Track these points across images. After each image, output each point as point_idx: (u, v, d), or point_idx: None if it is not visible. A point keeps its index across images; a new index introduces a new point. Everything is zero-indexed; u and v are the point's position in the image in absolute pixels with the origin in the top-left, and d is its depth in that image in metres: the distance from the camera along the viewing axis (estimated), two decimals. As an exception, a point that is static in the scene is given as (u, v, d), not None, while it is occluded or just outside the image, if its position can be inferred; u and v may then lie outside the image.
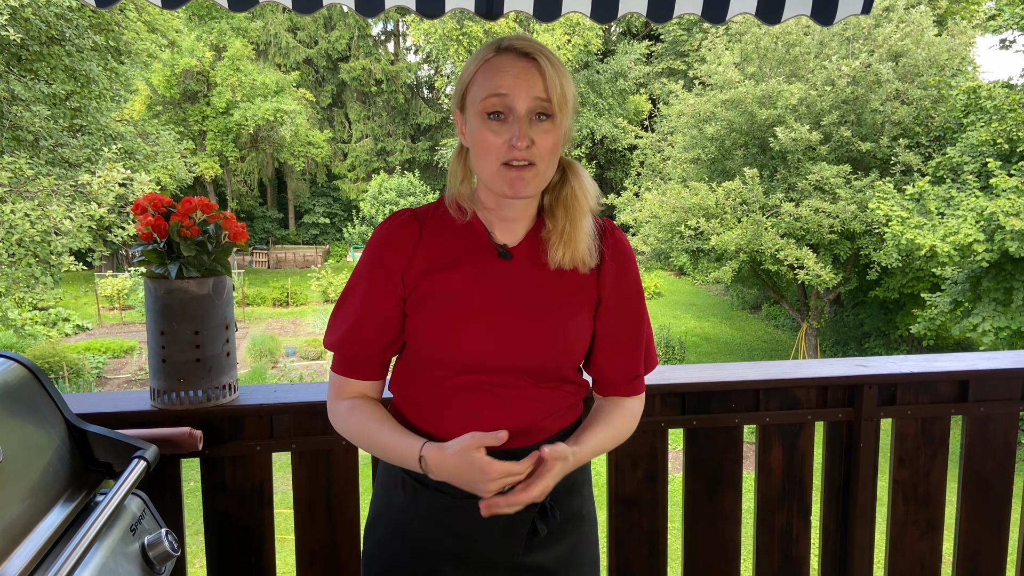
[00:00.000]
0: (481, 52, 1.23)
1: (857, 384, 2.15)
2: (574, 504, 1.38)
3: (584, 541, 1.40)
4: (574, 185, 1.29)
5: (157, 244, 1.73)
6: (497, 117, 1.19)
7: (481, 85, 1.20)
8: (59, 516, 1.33)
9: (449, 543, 1.31)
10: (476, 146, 1.22)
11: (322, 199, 32.88)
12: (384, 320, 1.31)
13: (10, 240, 8.74)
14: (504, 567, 1.31)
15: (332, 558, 1.99)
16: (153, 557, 1.42)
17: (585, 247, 1.28)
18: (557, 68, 1.19)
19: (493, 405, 1.28)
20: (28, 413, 1.38)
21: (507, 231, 1.31)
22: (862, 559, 2.21)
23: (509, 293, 1.28)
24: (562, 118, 1.21)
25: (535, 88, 1.18)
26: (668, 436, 2.14)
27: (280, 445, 1.95)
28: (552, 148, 1.21)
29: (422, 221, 1.30)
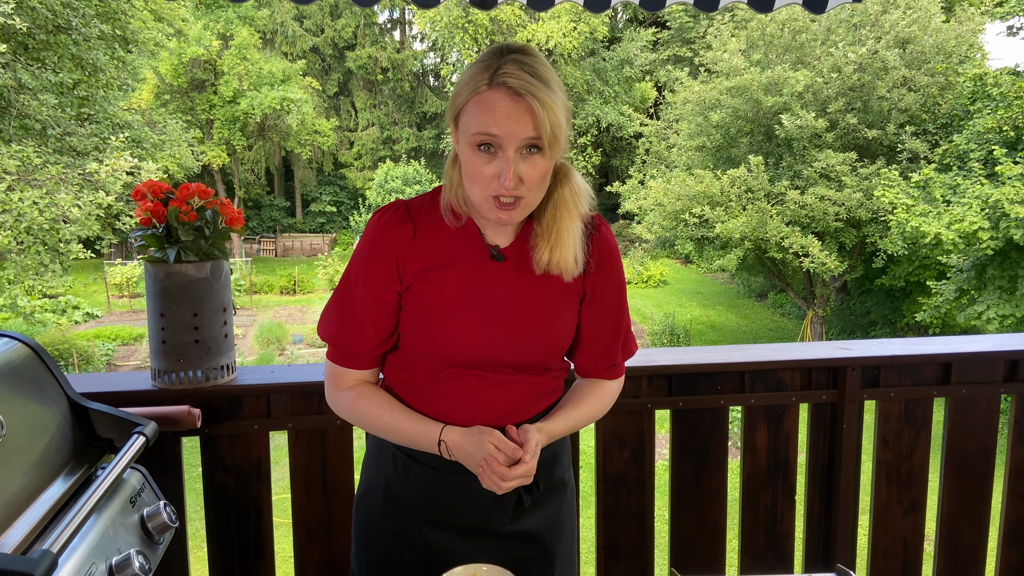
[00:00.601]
0: (477, 73, 1.21)
1: (841, 366, 2.20)
2: (556, 474, 1.45)
3: (565, 508, 1.48)
4: (564, 191, 1.32)
5: (156, 229, 1.79)
6: (487, 149, 1.21)
7: (472, 117, 1.20)
8: (61, 488, 1.39)
9: (439, 513, 1.38)
10: (466, 172, 1.24)
11: (329, 188, 32.95)
12: (381, 314, 1.35)
13: (19, 228, 8.83)
14: (492, 534, 1.39)
15: (328, 534, 2.06)
16: (152, 528, 1.49)
17: (571, 253, 1.30)
18: (548, 105, 1.19)
19: (481, 389, 1.34)
20: (31, 390, 1.44)
21: (499, 233, 1.34)
22: (845, 537, 2.27)
23: (500, 294, 1.33)
24: (553, 151, 1.22)
25: (525, 129, 1.18)
26: (655, 417, 2.19)
27: (277, 424, 2.01)
28: (541, 178, 1.24)
29: (416, 219, 1.33)
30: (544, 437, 1.33)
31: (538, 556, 1.43)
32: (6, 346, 1.46)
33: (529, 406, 1.38)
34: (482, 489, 1.31)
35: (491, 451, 1.25)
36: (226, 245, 1.92)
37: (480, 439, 1.27)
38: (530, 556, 1.41)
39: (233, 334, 1.98)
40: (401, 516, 1.40)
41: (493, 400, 1.35)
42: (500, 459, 1.25)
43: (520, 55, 1.21)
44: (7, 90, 9.81)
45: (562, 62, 27.54)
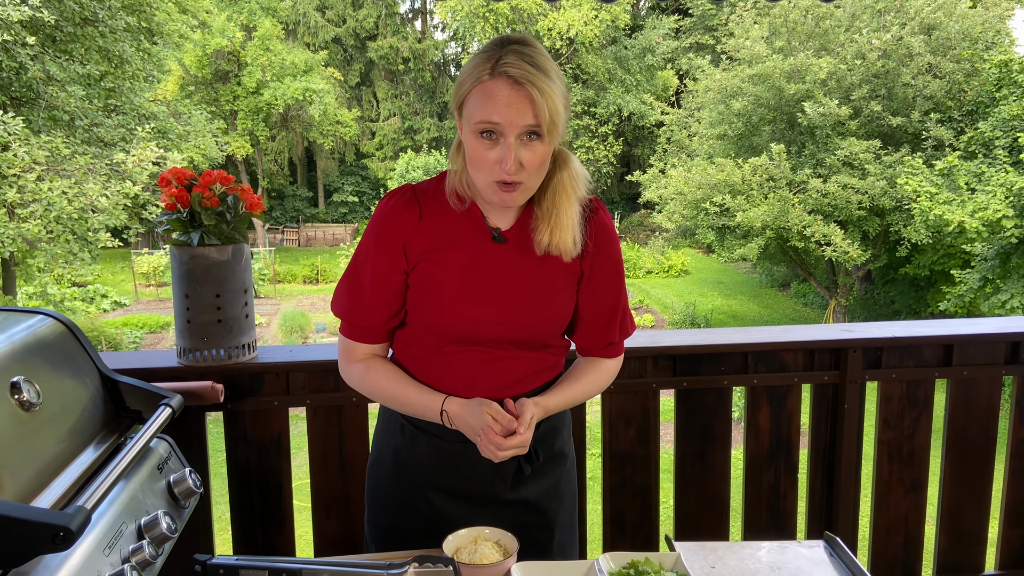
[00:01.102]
0: (479, 64, 1.28)
1: (843, 348, 2.25)
2: (555, 446, 1.53)
3: (565, 478, 1.56)
4: (563, 176, 1.38)
5: (181, 214, 1.88)
6: (489, 136, 1.27)
7: (475, 106, 1.26)
8: (92, 455, 1.49)
9: (444, 480, 1.47)
10: (470, 158, 1.31)
11: (351, 178, 33.14)
12: (389, 293, 1.43)
13: (48, 217, 9.04)
14: (494, 501, 1.47)
15: (345, 505, 2.15)
16: (178, 493, 1.58)
17: (570, 235, 1.37)
18: (546, 93, 1.24)
19: (483, 363, 1.42)
20: (65, 364, 1.54)
21: (501, 216, 1.41)
22: (847, 515, 2.33)
23: (501, 274, 1.40)
24: (551, 137, 1.28)
25: (525, 117, 1.24)
26: (660, 397, 2.26)
27: (296, 401, 2.10)
28: (540, 163, 1.30)
29: (422, 202, 1.41)
30: (540, 411, 1.40)
31: (539, 523, 1.50)
32: (42, 323, 1.56)
33: (528, 380, 1.45)
34: (482, 458, 1.39)
35: (488, 421, 1.33)
36: (248, 232, 2.01)
37: (479, 410, 1.35)
38: (531, 522, 1.49)
39: (254, 315, 2.08)
40: (408, 483, 1.49)
41: (493, 374, 1.42)
42: (496, 429, 1.33)
43: (520, 46, 1.27)
44: (36, 82, 10.01)
45: (583, 51, 27.45)
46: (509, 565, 1.31)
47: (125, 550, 1.32)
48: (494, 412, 1.34)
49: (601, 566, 1.32)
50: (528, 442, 1.35)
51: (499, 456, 1.33)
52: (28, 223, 8.92)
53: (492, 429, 1.33)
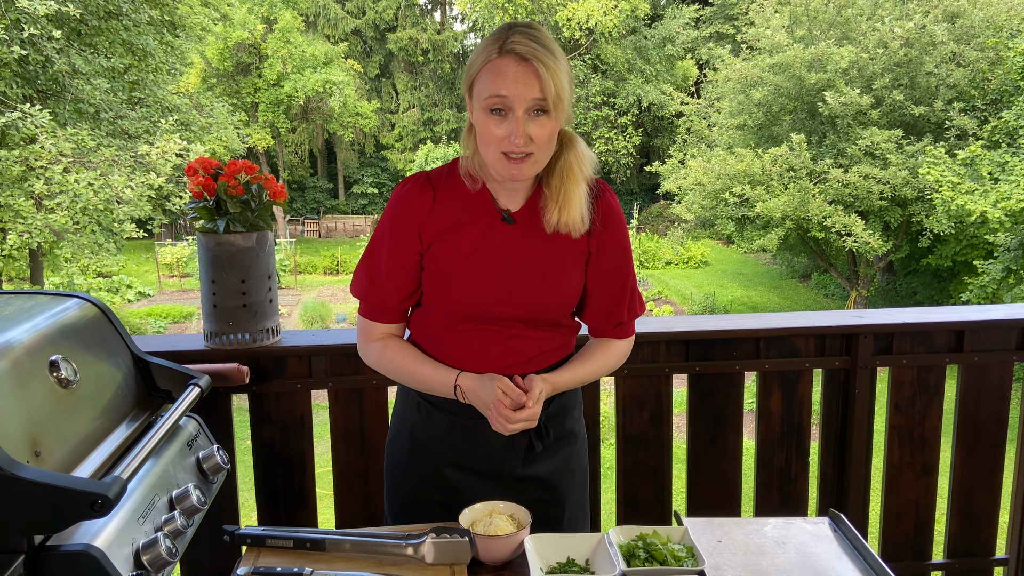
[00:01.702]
0: (488, 45, 1.35)
1: (853, 333, 2.28)
2: (566, 425, 1.59)
3: (575, 456, 1.61)
4: (570, 156, 1.44)
5: (207, 202, 1.95)
6: (498, 112, 1.33)
7: (485, 84, 1.33)
8: (125, 432, 1.56)
9: (458, 456, 1.52)
10: (480, 135, 1.38)
11: (370, 169, 33.29)
12: (404, 274, 1.50)
13: (75, 208, 9.20)
14: (506, 477, 1.53)
15: (365, 485, 2.22)
16: (207, 468, 1.66)
17: (578, 213, 1.43)
18: (552, 68, 1.31)
19: (495, 342, 1.48)
20: (99, 345, 1.61)
21: (510, 198, 1.47)
22: (857, 498, 2.36)
23: (511, 253, 1.46)
24: (558, 112, 1.34)
25: (532, 91, 1.31)
26: (672, 381, 2.31)
27: (318, 383, 2.17)
28: (548, 138, 1.36)
29: (436, 186, 1.47)
30: (548, 387, 1.46)
31: (550, 499, 1.56)
32: (78, 306, 1.63)
33: (539, 359, 1.51)
34: (494, 434, 1.46)
35: (498, 395, 1.39)
36: (270, 220, 2.08)
37: (490, 384, 1.41)
38: (542, 499, 1.54)
39: (277, 300, 2.14)
40: (424, 459, 1.55)
41: (505, 352, 1.48)
42: (506, 403, 1.39)
43: (526, 28, 1.35)
44: (62, 75, 10.16)
45: (603, 41, 27.35)
46: (522, 537, 1.37)
47: (158, 520, 1.39)
48: (504, 386, 1.40)
49: (611, 539, 1.37)
50: (536, 416, 1.41)
51: (509, 429, 1.38)
52: (55, 214, 9.09)
53: (502, 403, 1.38)
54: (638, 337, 2.01)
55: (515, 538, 1.36)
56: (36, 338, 1.41)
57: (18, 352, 1.34)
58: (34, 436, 1.26)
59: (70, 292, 1.69)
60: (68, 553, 1.19)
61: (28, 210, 9.03)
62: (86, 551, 1.19)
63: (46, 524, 1.17)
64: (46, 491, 1.15)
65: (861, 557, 1.38)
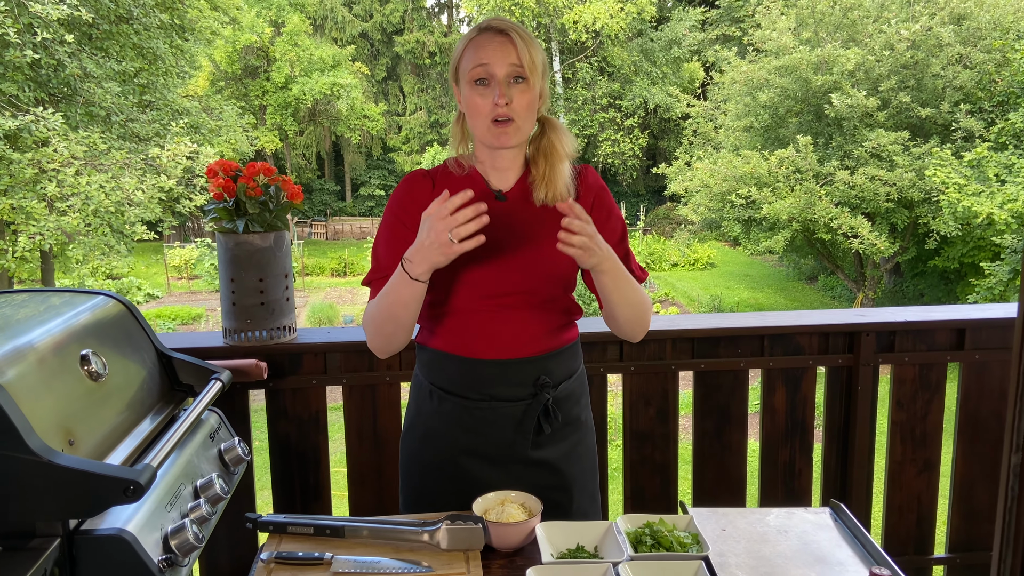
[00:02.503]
0: (468, 34, 1.53)
1: (856, 331, 2.33)
2: (573, 412, 1.64)
3: (583, 443, 1.67)
4: (551, 137, 1.58)
5: (227, 203, 2.01)
6: (482, 83, 1.48)
7: (468, 59, 1.50)
8: (150, 425, 1.62)
9: (469, 441, 1.58)
10: (469, 108, 1.51)
11: (377, 171, 33.38)
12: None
13: (87, 210, 9.30)
14: (517, 461, 1.58)
15: (379, 478, 2.28)
16: (228, 459, 1.71)
17: (563, 187, 1.57)
18: (527, 40, 1.48)
19: (498, 323, 1.54)
20: (126, 340, 1.67)
21: (501, 179, 1.60)
22: (860, 492, 2.41)
23: (505, 228, 1.54)
24: (534, 80, 1.49)
25: (510, 57, 1.46)
26: (679, 378, 2.36)
27: (333, 379, 2.23)
28: (528, 105, 1.50)
29: (434, 177, 1.61)
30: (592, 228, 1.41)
31: (557, 484, 1.61)
32: (105, 303, 1.69)
33: (542, 339, 1.57)
34: (505, 416, 1.54)
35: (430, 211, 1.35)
36: (287, 220, 2.14)
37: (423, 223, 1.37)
38: (550, 484, 1.60)
39: (294, 298, 2.21)
40: (437, 448, 1.60)
41: (510, 329, 1.54)
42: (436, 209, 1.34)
43: (496, 19, 1.51)
44: (74, 79, 10.27)
45: (609, 43, 27.38)
46: (533, 524, 1.42)
47: (184, 507, 1.45)
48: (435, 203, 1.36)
49: (619, 527, 1.43)
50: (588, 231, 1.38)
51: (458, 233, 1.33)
52: (67, 216, 9.19)
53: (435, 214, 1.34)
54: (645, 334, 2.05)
55: (527, 525, 1.41)
56: (68, 333, 1.47)
57: (52, 346, 1.40)
58: (67, 426, 1.32)
59: (97, 290, 1.75)
60: (101, 537, 1.25)
61: (40, 212, 9.13)
62: (119, 535, 1.25)
63: (81, 509, 1.23)
64: (81, 477, 1.21)
65: (860, 545, 1.43)
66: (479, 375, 1.56)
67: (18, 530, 1.22)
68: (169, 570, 1.31)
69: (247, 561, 2.23)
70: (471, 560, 1.38)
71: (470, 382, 1.57)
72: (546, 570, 1.29)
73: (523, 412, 1.57)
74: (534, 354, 1.56)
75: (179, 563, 1.34)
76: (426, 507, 1.62)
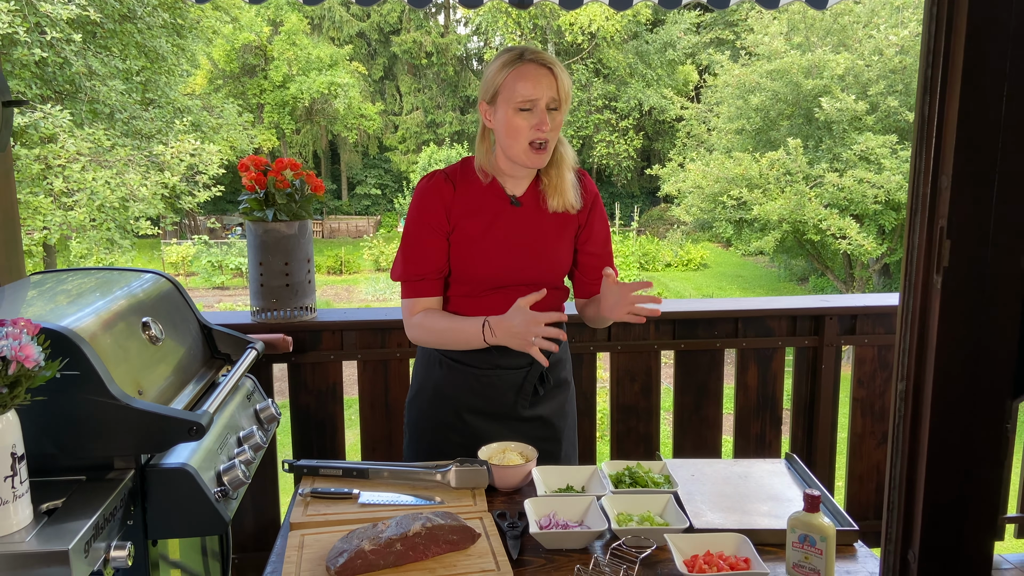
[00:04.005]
0: (506, 60, 1.71)
1: (821, 315, 2.58)
2: (561, 375, 1.92)
3: (569, 401, 1.95)
4: (561, 151, 1.81)
5: (258, 194, 2.25)
6: (526, 109, 1.69)
7: (513, 88, 1.68)
8: (195, 387, 1.86)
9: (475, 402, 1.83)
10: (509, 130, 1.71)
11: (374, 171, 33.56)
12: (436, 250, 1.79)
13: (92, 206, 9.52)
14: (515, 417, 1.84)
15: (390, 446, 2.52)
16: (263, 418, 1.96)
17: (571, 194, 1.81)
18: (563, 74, 1.70)
19: (505, 307, 1.77)
20: (175, 312, 1.91)
21: (516, 186, 1.83)
22: (824, 462, 2.66)
23: (519, 230, 1.80)
24: (564, 109, 1.73)
25: (551, 90, 1.69)
26: (661, 357, 2.61)
27: (349, 355, 2.47)
28: (559, 128, 1.74)
29: (453, 180, 1.81)
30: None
31: (549, 436, 1.88)
32: (154, 280, 1.94)
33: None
34: (507, 381, 1.80)
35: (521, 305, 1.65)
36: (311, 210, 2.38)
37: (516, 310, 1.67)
38: (543, 436, 1.86)
39: (315, 281, 2.45)
40: (446, 408, 1.85)
41: None
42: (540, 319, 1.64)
43: (535, 49, 1.73)
44: (79, 77, 10.47)
45: (604, 45, 27.65)
46: (530, 468, 1.67)
47: (231, 452, 1.70)
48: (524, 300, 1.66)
49: (604, 470, 1.67)
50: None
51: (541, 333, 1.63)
52: (74, 211, 9.40)
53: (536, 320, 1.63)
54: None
55: (524, 468, 1.66)
56: (132, 303, 1.72)
57: (120, 314, 1.64)
58: (136, 379, 1.56)
59: (148, 269, 1.99)
60: (168, 469, 1.50)
61: (47, 207, 9.34)
62: (183, 468, 1.50)
63: (153, 445, 1.47)
64: (153, 419, 1.45)
65: (807, 486, 1.68)
66: (488, 349, 1.80)
67: (99, 463, 1.46)
68: (223, 500, 1.55)
69: (272, 526, 2.47)
70: (477, 496, 1.63)
71: (480, 355, 1.82)
72: (540, 501, 1.54)
73: (523, 378, 1.84)
74: None
75: (230, 495, 1.58)
76: (436, 459, 1.86)
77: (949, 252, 1.00)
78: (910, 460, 1.07)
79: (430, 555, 1.38)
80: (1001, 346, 1.01)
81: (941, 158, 1.00)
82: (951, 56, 0.97)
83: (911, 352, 1.05)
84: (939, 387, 1.03)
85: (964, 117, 0.96)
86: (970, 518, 1.06)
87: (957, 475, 1.05)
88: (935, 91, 0.98)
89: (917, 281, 1.05)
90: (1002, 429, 1.05)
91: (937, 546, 1.05)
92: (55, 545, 1.21)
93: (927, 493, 1.05)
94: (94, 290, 1.72)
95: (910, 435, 1.07)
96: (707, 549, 1.38)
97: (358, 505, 1.59)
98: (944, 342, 1.02)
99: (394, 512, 1.52)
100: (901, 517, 1.09)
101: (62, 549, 1.20)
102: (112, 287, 1.77)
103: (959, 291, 1.00)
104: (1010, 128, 0.96)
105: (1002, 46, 0.94)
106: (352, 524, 1.49)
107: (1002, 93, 0.96)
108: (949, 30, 0.98)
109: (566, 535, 1.44)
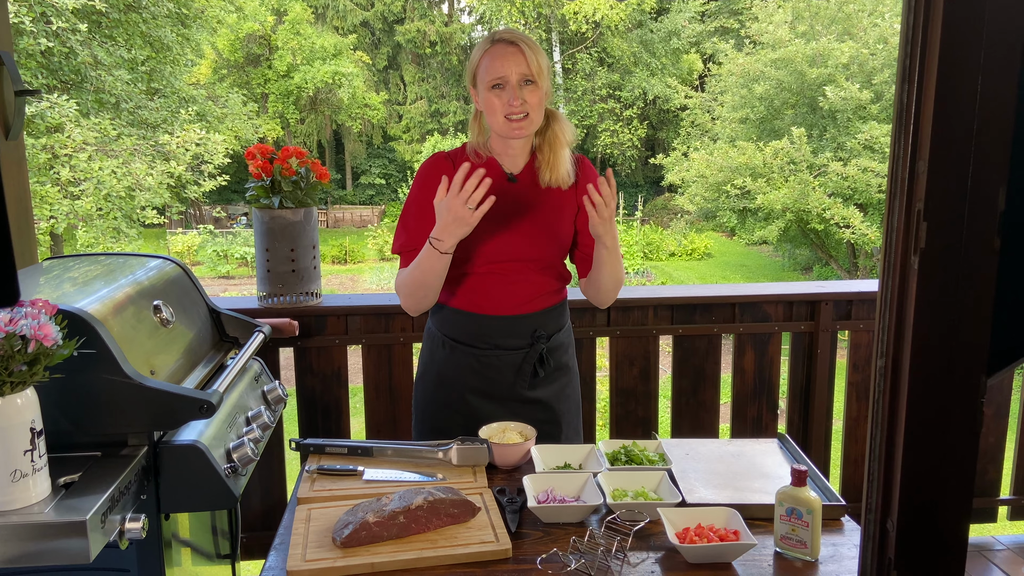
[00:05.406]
0: (482, 44, 1.80)
1: (816, 300, 2.63)
2: (563, 359, 1.95)
3: (570, 385, 1.98)
4: (555, 127, 1.87)
5: (264, 182, 2.30)
6: (498, 87, 1.77)
7: (485, 68, 1.79)
8: (203, 371, 1.91)
9: (477, 382, 1.88)
10: (487, 108, 1.79)
11: (378, 160, 33.58)
12: None
13: (98, 195, 9.58)
14: (516, 399, 1.89)
15: (393, 428, 2.58)
16: (271, 399, 2.02)
17: (564, 171, 1.86)
18: (534, 49, 1.78)
19: (503, 284, 1.84)
20: (185, 296, 1.97)
21: (512, 163, 1.88)
22: (820, 445, 2.71)
23: (515, 205, 1.85)
24: (541, 82, 1.78)
25: (520, 66, 1.76)
26: (659, 341, 2.66)
27: (353, 340, 2.53)
28: (538, 102, 1.79)
29: (454, 159, 1.88)
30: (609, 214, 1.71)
31: (549, 419, 1.92)
32: (165, 265, 1.99)
33: (539, 300, 1.88)
34: (508, 362, 1.84)
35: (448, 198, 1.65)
36: (317, 198, 2.43)
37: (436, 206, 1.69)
38: (543, 419, 1.91)
39: (320, 267, 2.50)
40: (449, 389, 1.90)
41: (514, 290, 1.85)
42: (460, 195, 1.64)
43: (507, 29, 1.81)
44: (85, 66, 10.52)
45: (609, 34, 27.58)
46: (529, 447, 1.72)
47: (240, 431, 1.75)
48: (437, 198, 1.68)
49: (601, 449, 1.73)
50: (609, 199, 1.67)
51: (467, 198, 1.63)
52: (81, 200, 9.47)
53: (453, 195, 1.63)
54: (629, 302, 2.36)
55: (523, 447, 1.71)
56: (145, 287, 1.77)
57: (132, 297, 1.70)
58: (148, 359, 1.62)
59: (158, 254, 2.05)
60: (180, 446, 1.55)
61: (54, 196, 9.41)
62: (194, 444, 1.55)
63: (165, 422, 1.53)
64: (166, 397, 1.51)
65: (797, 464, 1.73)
66: (487, 328, 1.86)
67: (114, 440, 1.52)
68: (232, 476, 1.61)
69: (279, 506, 2.54)
70: (477, 473, 1.68)
71: (480, 334, 1.87)
72: (538, 477, 1.59)
73: (522, 359, 1.88)
74: (532, 311, 1.87)
75: (239, 472, 1.64)
76: (441, 439, 1.91)
77: (926, 234, 1.04)
78: (889, 433, 1.12)
79: (432, 527, 1.43)
80: (975, 325, 1.06)
81: (919, 143, 1.04)
82: (928, 45, 1.01)
83: (890, 330, 1.10)
84: (916, 364, 1.08)
85: (940, 104, 1.01)
86: (947, 488, 1.11)
87: (934, 447, 1.10)
88: (913, 79, 1.03)
89: (896, 262, 1.09)
90: (977, 404, 1.10)
91: (915, 514, 1.10)
92: (73, 516, 1.27)
93: (905, 464, 1.10)
94: (106, 275, 1.78)
95: (889, 409, 1.12)
96: (698, 522, 1.44)
97: (363, 481, 1.64)
98: (921, 320, 1.06)
99: (397, 487, 1.58)
100: (881, 487, 1.14)
101: (80, 519, 1.26)
102: (123, 272, 1.82)
103: (935, 272, 1.05)
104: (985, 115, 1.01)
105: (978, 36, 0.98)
106: (357, 499, 1.55)
107: (977, 82, 1.00)
108: (927, 19, 1.02)
109: (562, 509, 1.49)
